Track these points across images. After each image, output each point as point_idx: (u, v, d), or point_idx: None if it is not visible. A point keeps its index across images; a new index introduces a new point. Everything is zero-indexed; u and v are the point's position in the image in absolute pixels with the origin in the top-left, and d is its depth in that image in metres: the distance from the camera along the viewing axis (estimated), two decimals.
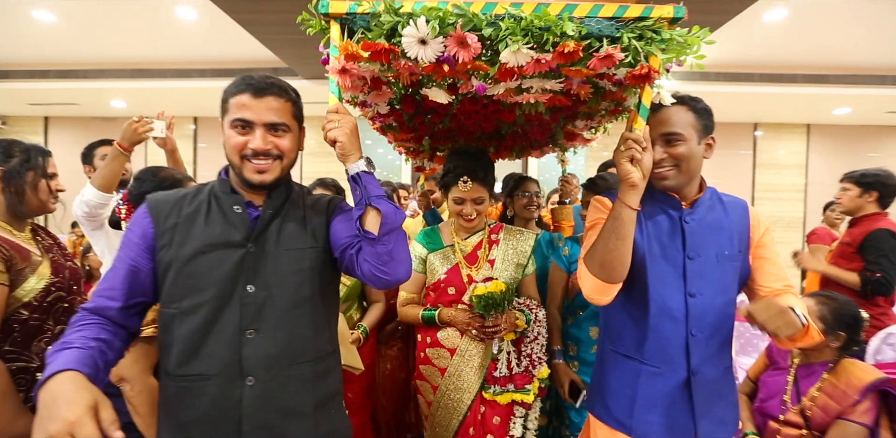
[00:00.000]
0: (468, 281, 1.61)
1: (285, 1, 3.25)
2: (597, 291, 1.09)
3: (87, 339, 0.86)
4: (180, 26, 4.38)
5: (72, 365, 0.77)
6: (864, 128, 7.02)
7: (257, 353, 0.95)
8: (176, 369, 0.95)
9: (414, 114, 1.66)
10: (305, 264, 1.02)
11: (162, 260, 0.98)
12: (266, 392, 0.95)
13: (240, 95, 1.00)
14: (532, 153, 2.25)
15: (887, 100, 5.69)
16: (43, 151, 1.39)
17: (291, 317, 0.99)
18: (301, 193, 1.11)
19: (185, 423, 0.95)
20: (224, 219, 1.00)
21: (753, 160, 7.14)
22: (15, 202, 1.28)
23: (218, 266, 0.96)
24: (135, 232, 1.00)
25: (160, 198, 1.04)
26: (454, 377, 1.59)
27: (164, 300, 0.99)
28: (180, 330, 0.95)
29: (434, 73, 1.06)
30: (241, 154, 0.99)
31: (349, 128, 1.01)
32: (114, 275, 0.97)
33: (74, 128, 7.39)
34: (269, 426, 0.96)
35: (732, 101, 5.89)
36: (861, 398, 1.33)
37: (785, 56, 4.97)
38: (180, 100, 6.25)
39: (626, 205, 1.05)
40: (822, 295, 1.50)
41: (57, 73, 5.61)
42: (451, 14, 0.98)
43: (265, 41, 4.09)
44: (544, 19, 0.95)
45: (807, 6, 3.79)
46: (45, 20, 4.27)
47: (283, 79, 2.79)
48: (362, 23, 1.03)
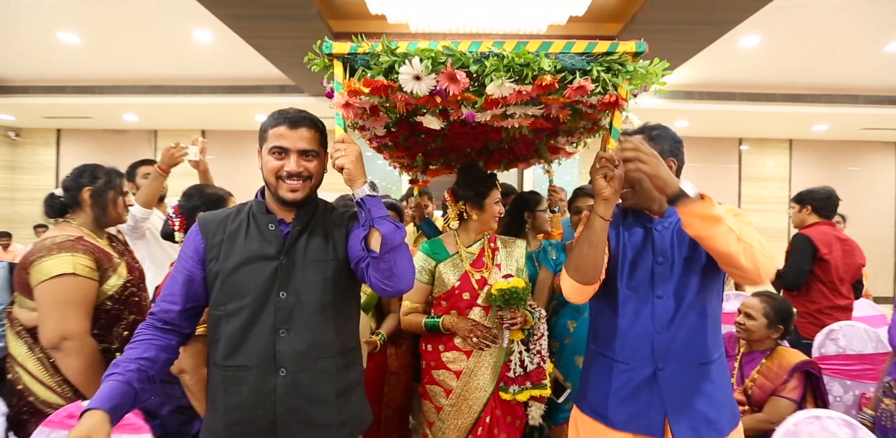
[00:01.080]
0: (479, 285, 1.68)
1: (295, 28, 3.55)
2: (573, 291, 1.23)
3: (131, 361, 1.03)
4: (196, 48, 4.67)
5: (94, 403, 0.95)
6: (843, 143, 7.34)
7: (289, 349, 1.10)
8: (223, 361, 1.10)
9: (408, 136, 1.79)
10: (329, 274, 1.15)
11: (211, 270, 1.13)
12: (296, 381, 1.09)
13: (278, 127, 1.13)
14: (518, 165, 2.39)
15: (862, 118, 6.02)
16: (119, 173, 1.64)
17: (317, 319, 1.13)
18: (325, 209, 1.24)
19: (229, 406, 1.09)
20: (261, 235, 1.14)
21: (739, 173, 7.45)
22: (100, 215, 1.55)
23: (255, 276, 1.11)
24: (189, 247, 1.16)
25: (209, 218, 1.19)
26: (470, 376, 1.65)
27: (213, 304, 1.14)
28: (226, 329, 1.10)
29: (427, 103, 1.18)
30: (276, 175, 1.13)
31: (355, 155, 1.11)
32: (173, 283, 1.14)
33: (86, 139, 7.65)
34: (299, 410, 1.10)
35: (717, 118, 6.21)
36: (789, 377, 1.58)
37: (762, 77, 5.29)
38: (190, 114, 6.53)
39: (598, 216, 1.15)
40: (765, 295, 1.76)
41: (73, 88, 5.87)
42: (442, 54, 1.09)
43: (275, 62, 4.38)
44: (524, 57, 1.07)
45: (778, 33, 4.11)
46: (70, 41, 4.56)
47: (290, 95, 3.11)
48: (362, 61, 1.14)
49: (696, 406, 1.16)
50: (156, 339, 1.09)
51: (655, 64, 1.12)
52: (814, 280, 2.52)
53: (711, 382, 1.17)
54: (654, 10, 3.16)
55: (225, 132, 7.47)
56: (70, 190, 1.54)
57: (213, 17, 3.40)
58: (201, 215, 1.21)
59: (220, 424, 1.10)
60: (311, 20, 3.41)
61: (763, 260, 1.04)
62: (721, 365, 1.22)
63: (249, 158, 7.48)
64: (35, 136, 7.59)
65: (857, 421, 1.49)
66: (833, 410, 1.35)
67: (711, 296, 1.20)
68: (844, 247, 2.57)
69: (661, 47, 3.93)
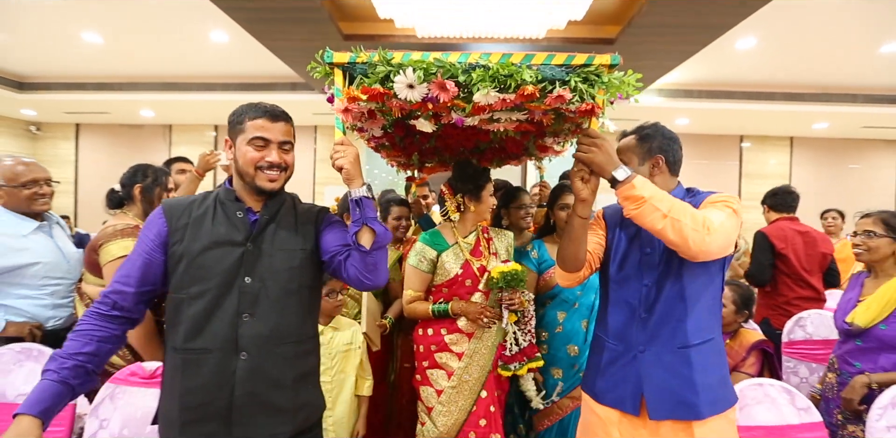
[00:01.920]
0: (479, 272, 1.78)
1: (307, 30, 3.73)
2: (561, 277, 1.37)
3: (68, 357, 1.02)
4: (212, 47, 4.86)
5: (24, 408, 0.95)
6: (844, 141, 7.41)
7: (251, 333, 1.10)
8: (183, 343, 1.09)
9: (404, 136, 1.91)
10: (296, 262, 1.17)
11: (175, 253, 1.12)
12: (256, 365, 1.10)
13: (257, 119, 1.15)
14: (510, 162, 2.44)
15: (861, 117, 6.10)
16: (165, 172, 1.86)
17: (281, 305, 1.14)
18: (293, 202, 1.26)
19: (187, 389, 1.08)
20: (228, 221, 1.15)
21: (740, 170, 7.55)
22: (147, 208, 1.77)
23: (222, 260, 1.11)
24: (151, 230, 1.14)
25: (173, 203, 1.19)
26: (472, 357, 1.74)
27: (175, 286, 1.12)
28: (188, 312, 1.09)
29: (420, 109, 1.24)
30: (256, 165, 1.15)
31: (353, 157, 1.18)
32: (130, 266, 1.12)
33: (103, 134, 7.90)
34: (256, 394, 1.10)
35: (717, 116, 6.31)
36: (747, 354, 1.77)
37: (760, 77, 5.40)
38: (203, 110, 6.73)
39: (576, 215, 1.24)
40: (733, 284, 1.95)
41: (94, 85, 6.10)
42: (433, 65, 1.16)
43: (288, 61, 4.57)
44: (507, 68, 1.14)
45: (773, 35, 4.22)
46: (92, 41, 4.77)
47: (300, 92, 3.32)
48: (360, 70, 1.20)
49: (672, 388, 1.19)
50: (97, 330, 1.07)
51: (629, 75, 1.20)
52: (778, 273, 2.70)
53: (690, 366, 1.19)
54: (651, 14, 3.31)
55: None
56: (125, 186, 1.76)
57: (229, 19, 3.58)
58: (165, 200, 1.21)
59: (176, 408, 1.09)
60: (323, 23, 3.59)
61: (693, 234, 1.08)
62: (706, 350, 1.22)
63: None
64: (55, 131, 7.85)
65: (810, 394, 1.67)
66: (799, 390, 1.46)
67: (696, 284, 1.22)
68: (805, 240, 2.71)
69: (657, 49, 4.06)
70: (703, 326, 1.23)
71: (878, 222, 1.64)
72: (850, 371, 1.62)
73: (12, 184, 1.67)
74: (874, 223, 1.64)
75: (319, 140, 7.60)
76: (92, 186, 7.72)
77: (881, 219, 1.64)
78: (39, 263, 1.65)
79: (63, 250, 1.76)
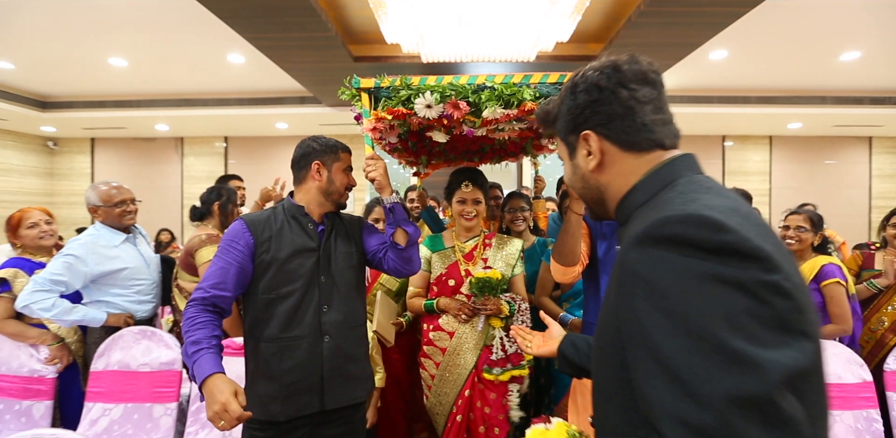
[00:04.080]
0: (465, 274, 1.85)
1: (321, 54, 4.13)
2: (557, 272, 1.46)
3: (210, 338, 1.18)
4: (228, 67, 5.25)
5: (215, 368, 1.12)
6: (819, 139, 7.85)
7: (330, 320, 1.33)
8: (279, 334, 1.29)
9: (417, 142, 2.13)
10: (353, 261, 1.42)
11: (263, 261, 1.31)
12: (337, 345, 1.33)
13: (346, 152, 1.43)
14: (509, 159, 2.58)
15: (831, 117, 6.54)
16: (234, 191, 2.27)
17: (348, 297, 1.38)
18: (339, 214, 1.48)
19: (285, 370, 1.28)
20: (303, 232, 1.36)
21: (723, 168, 7.98)
22: (224, 221, 2.17)
23: (304, 264, 1.33)
24: (239, 243, 1.30)
25: (254, 218, 1.37)
26: (453, 355, 1.83)
27: (264, 289, 1.31)
28: (281, 308, 1.29)
29: (436, 124, 1.44)
30: (346, 187, 1.42)
31: (383, 170, 1.40)
32: (223, 274, 1.27)
33: (117, 147, 8.25)
34: (340, 367, 1.34)
35: (699, 119, 6.75)
36: None
37: (734, 83, 5.83)
38: (214, 123, 7.10)
39: (573, 211, 1.35)
40: None
41: (113, 103, 6.47)
42: (447, 88, 1.35)
43: (301, 81, 4.97)
44: (510, 88, 1.34)
45: (742, 48, 4.65)
46: (118, 65, 5.15)
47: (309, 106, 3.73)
48: (384, 94, 1.39)
49: None
50: (215, 320, 1.25)
51: None
52: None
53: None
54: (627, 36, 3.74)
55: (246, 138, 8.08)
56: (205, 203, 2.18)
57: (245, 43, 3.96)
58: (246, 215, 1.40)
59: (276, 386, 1.28)
60: (335, 48, 4.00)
61: None
62: None
63: (269, 162, 8.06)
64: (71, 145, 8.20)
65: None
66: None
67: None
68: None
69: None
70: None
71: (806, 219, 2.03)
72: None
73: (107, 204, 2.04)
74: (804, 220, 2.03)
75: None
76: None
77: (808, 217, 2.03)
78: (127, 268, 2.01)
79: (144, 256, 2.13)
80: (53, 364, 1.88)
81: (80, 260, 1.88)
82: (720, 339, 0.45)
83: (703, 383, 0.45)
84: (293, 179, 1.45)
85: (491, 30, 3.53)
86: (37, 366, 1.87)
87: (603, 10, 3.70)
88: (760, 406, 0.43)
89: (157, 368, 1.76)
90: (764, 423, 0.43)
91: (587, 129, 0.67)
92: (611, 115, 0.65)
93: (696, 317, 0.46)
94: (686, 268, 0.48)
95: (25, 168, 7.84)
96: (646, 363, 0.50)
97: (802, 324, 0.47)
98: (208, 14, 3.29)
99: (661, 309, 0.49)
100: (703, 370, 0.45)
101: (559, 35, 3.73)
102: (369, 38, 4.15)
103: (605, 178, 0.68)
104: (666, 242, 0.51)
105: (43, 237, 2.06)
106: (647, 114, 0.66)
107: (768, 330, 0.45)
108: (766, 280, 0.46)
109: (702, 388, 0.45)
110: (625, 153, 0.66)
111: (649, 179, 0.64)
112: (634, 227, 0.57)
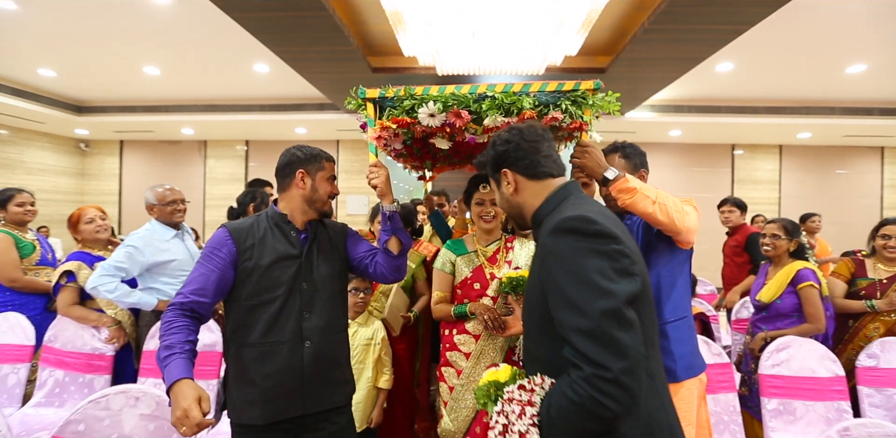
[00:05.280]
0: (490, 277, 1.81)
1: (342, 65, 4.38)
2: None
3: (184, 343, 1.18)
4: (254, 76, 5.54)
5: (183, 374, 1.11)
6: (829, 149, 7.90)
7: (311, 326, 1.34)
8: (260, 339, 1.30)
9: (421, 148, 2.14)
10: (335, 268, 1.42)
11: (245, 268, 1.31)
12: (318, 350, 1.34)
13: (331, 162, 1.44)
14: None
15: (840, 127, 6.61)
16: (267, 194, 2.49)
17: (330, 303, 1.39)
18: (322, 222, 1.48)
19: (266, 374, 1.28)
20: (285, 239, 1.37)
21: (732, 176, 8.07)
22: None
23: (286, 271, 1.33)
24: (221, 250, 1.31)
25: (237, 226, 1.38)
26: (478, 358, 1.75)
27: (247, 295, 1.31)
28: (263, 314, 1.30)
29: (439, 132, 1.47)
30: (329, 196, 1.43)
31: (385, 177, 1.42)
32: (204, 280, 1.28)
33: (144, 149, 8.65)
34: (320, 372, 1.34)
35: (707, 128, 6.86)
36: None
37: (742, 94, 5.95)
38: (236, 127, 7.42)
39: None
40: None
41: (143, 108, 6.82)
42: (450, 98, 1.37)
43: (322, 89, 5.23)
44: (510, 97, 1.36)
45: (747, 60, 4.78)
46: (152, 73, 5.48)
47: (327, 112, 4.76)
48: (389, 103, 1.42)
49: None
50: (192, 325, 1.25)
51: (610, 96, 1.41)
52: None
53: (667, 339, 1.38)
54: (633, 50, 3.91)
55: (266, 142, 8.40)
56: (241, 205, 2.42)
57: (271, 54, 4.21)
58: (229, 224, 1.40)
59: (257, 391, 1.29)
60: (356, 60, 4.25)
61: (676, 214, 1.27)
62: (680, 326, 1.40)
63: None
64: (101, 147, 8.61)
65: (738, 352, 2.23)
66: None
67: (667, 273, 1.41)
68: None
69: (643, 77, 4.65)
70: (676, 307, 1.42)
71: (781, 228, 2.20)
72: (758, 333, 2.19)
73: (161, 203, 2.29)
74: (779, 228, 2.21)
75: (342, 153, 8.28)
76: (134, 197, 8.46)
77: (783, 226, 2.21)
78: (176, 260, 2.25)
79: (190, 250, 2.37)
80: (112, 343, 2.14)
81: (139, 251, 2.13)
82: (595, 281, 0.81)
83: (586, 306, 0.80)
84: (277, 187, 1.45)
85: (502, 44, 3.74)
86: (98, 345, 2.12)
87: (610, 26, 3.88)
88: (616, 315, 0.79)
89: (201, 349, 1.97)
90: (619, 324, 0.79)
91: (504, 168, 1.04)
92: (517, 158, 1.03)
93: (583, 272, 0.82)
94: (577, 245, 0.85)
95: (59, 168, 8.25)
96: (558, 301, 0.85)
97: (634, 270, 0.84)
98: (238, 27, 3.56)
99: (565, 269, 0.84)
100: (587, 299, 0.80)
101: (568, 49, 3.93)
102: (387, 50, 4.39)
103: (520, 199, 1.04)
104: (566, 231, 0.87)
105: (99, 231, 2.34)
106: (539, 156, 1.02)
107: (618, 274, 0.82)
108: (616, 248, 0.84)
109: (586, 308, 0.80)
110: (529, 181, 1.03)
111: (551, 198, 1.00)
112: (547, 225, 0.93)
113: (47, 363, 2.11)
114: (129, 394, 1.25)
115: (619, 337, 0.78)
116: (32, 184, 7.50)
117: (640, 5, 3.48)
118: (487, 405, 1.05)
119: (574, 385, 0.80)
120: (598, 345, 0.78)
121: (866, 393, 1.93)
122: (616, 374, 0.77)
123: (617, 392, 0.77)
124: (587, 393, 0.78)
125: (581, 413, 0.79)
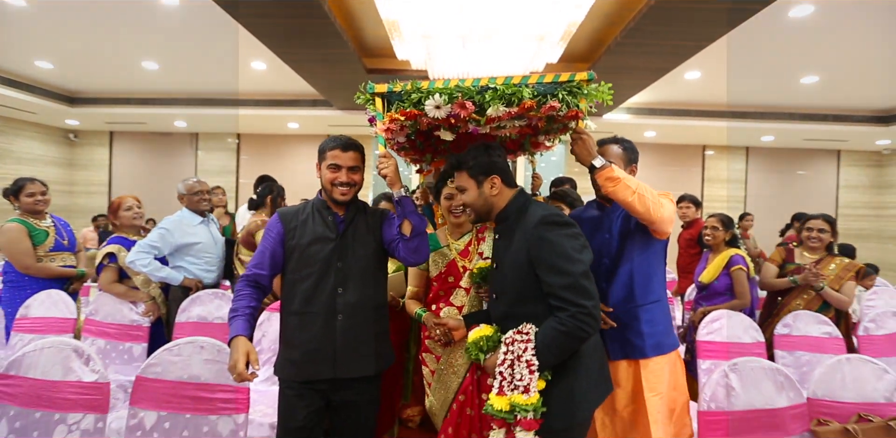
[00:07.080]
0: (463, 270, 1.87)
1: (339, 66, 4.65)
2: None
3: (246, 307, 1.42)
4: (250, 73, 5.74)
5: (239, 331, 1.36)
6: (791, 151, 8.46)
7: (344, 301, 1.47)
8: (299, 308, 1.47)
9: (423, 141, 2.19)
10: (370, 250, 1.54)
11: (290, 247, 1.50)
12: (349, 324, 1.47)
13: (334, 150, 1.51)
14: (508, 157, 2.38)
15: (800, 132, 7.14)
16: (283, 188, 2.82)
17: (362, 281, 1.50)
18: (364, 208, 1.62)
19: (304, 340, 1.46)
20: (324, 223, 1.52)
21: (702, 175, 8.58)
22: (275, 211, 2.69)
23: (322, 250, 1.48)
24: (272, 231, 1.53)
25: (286, 211, 1.58)
26: (453, 346, 1.80)
27: (290, 270, 1.51)
28: (301, 287, 1.47)
29: (444, 123, 1.53)
30: (332, 183, 1.51)
31: (394, 166, 1.49)
32: (262, 257, 1.52)
33: (135, 141, 8.70)
34: (350, 343, 1.47)
35: (679, 130, 7.32)
36: None
37: (709, 99, 6.40)
38: (228, 120, 7.54)
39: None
40: None
41: (137, 100, 6.92)
42: (454, 90, 1.45)
43: (318, 88, 5.48)
44: (511, 88, 1.43)
45: (713, 69, 5.21)
46: (150, 68, 5.64)
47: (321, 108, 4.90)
48: (397, 97, 1.49)
49: (625, 335, 1.54)
50: (254, 293, 1.49)
51: (602, 86, 1.49)
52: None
53: (638, 319, 1.53)
54: (608, 61, 4.30)
55: (259, 135, 8.57)
56: (260, 196, 2.74)
57: (268, 52, 4.39)
58: (281, 209, 1.61)
59: (297, 352, 1.47)
60: (352, 62, 4.53)
61: (653, 205, 1.41)
62: (651, 308, 1.55)
63: (279, 159, 8.57)
64: (91, 137, 8.61)
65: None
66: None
67: (642, 260, 1.56)
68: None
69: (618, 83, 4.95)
70: (649, 291, 1.56)
71: (719, 221, 2.63)
72: (698, 308, 2.63)
73: (189, 193, 2.66)
74: (717, 222, 2.63)
75: None
76: (124, 188, 8.46)
77: (720, 219, 2.64)
78: (200, 243, 2.62)
79: (213, 236, 2.73)
80: (148, 315, 2.45)
81: (170, 233, 2.50)
82: (571, 255, 1.27)
83: (569, 269, 1.25)
84: None
85: (490, 52, 4.08)
86: (135, 317, 2.43)
87: (587, 37, 4.25)
88: (585, 274, 1.26)
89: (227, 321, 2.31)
90: (587, 279, 1.25)
91: (495, 175, 1.44)
92: (503, 170, 1.45)
93: (563, 249, 1.27)
94: (558, 232, 1.30)
95: (47, 158, 8.26)
96: (548, 269, 1.28)
97: (588, 245, 1.32)
98: (238, 26, 3.78)
99: (551, 249, 1.28)
100: (567, 266, 1.25)
101: (549, 57, 4.29)
102: (382, 52, 4.68)
103: (495, 200, 1.45)
104: (549, 223, 1.31)
105: (136, 218, 2.63)
106: (508, 172, 1.46)
107: (582, 248, 1.29)
108: (577, 232, 1.32)
109: (569, 271, 1.25)
110: (506, 188, 1.45)
111: (514, 200, 1.44)
112: (527, 220, 1.36)
113: (90, 333, 2.39)
114: (195, 344, 1.56)
115: (588, 287, 1.24)
116: (22, 174, 7.52)
117: (613, 21, 3.85)
118: (479, 356, 1.40)
119: (563, 321, 1.23)
120: (576, 294, 1.22)
121: (780, 355, 2.36)
122: (590, 309, 1.21)
123: (591, 321, 1.22)
124: (573, 324, 1.21)
125: (569, 339, 1.23)
